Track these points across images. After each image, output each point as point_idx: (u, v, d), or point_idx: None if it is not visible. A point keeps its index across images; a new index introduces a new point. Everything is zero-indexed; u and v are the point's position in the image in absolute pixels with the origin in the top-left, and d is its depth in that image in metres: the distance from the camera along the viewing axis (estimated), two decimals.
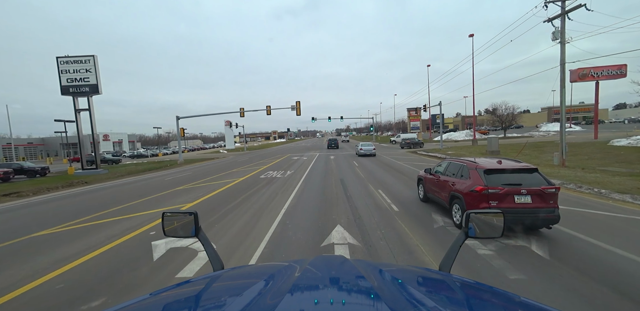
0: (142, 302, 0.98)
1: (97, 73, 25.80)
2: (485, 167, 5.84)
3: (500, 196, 5.40)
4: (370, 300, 0.89)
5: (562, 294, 3.53)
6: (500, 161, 6.28)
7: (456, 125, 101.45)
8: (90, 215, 8.74)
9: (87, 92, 25.72)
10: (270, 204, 8.81)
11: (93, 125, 26.53)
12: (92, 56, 25.84)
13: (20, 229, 7.55)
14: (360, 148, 26.51)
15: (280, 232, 6.15)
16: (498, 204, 5.35)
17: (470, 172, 6.06)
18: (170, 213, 1.68)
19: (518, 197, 5.34)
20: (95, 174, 24.53)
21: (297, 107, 31.43)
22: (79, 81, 25.76)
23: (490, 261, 4.46)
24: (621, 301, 3.36)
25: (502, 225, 1.46)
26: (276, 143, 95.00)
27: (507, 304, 0.99)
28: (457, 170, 6.66)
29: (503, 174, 5.74)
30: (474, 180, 5.80)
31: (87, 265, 5.00)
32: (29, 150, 67.76)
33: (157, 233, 6.37)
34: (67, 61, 25.59)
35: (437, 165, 7.96)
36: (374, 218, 6.93)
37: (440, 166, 7.71)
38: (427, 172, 8.05)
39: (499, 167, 5.88)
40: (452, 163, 7.08)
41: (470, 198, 5.74)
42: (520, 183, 5.50)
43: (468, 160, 6.61)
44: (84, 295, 3.92)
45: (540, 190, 5.30)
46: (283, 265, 1.33)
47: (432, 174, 7.74)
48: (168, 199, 10.64)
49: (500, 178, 5.65)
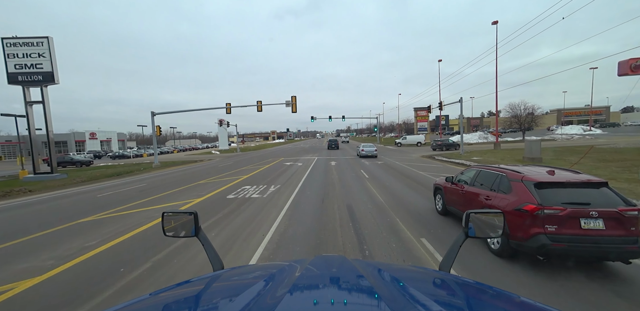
0: (142, 302, 0.98)
1: (52, 58, 21.41)
2: (536, 178, 4.59)
3: (560, 219, 4.06)
4: (370, 299, 0.89)
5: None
6: (553, 171, 5.04)
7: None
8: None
9: (40, 81, 21.38)
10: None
11: (48, 121, 22.17)
12: (45, 38, 21.42)
13: None
14: (362, 150, 25.78)
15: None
16: (557, 230, 4.03)
17: (512, 185, 4.84)
18: (170, 212, 1.69)
19: (586, 221, 4.02)
20: (49, 180, 20.25)
21: (292, 102, 26.96)
22: (30, 68, 21.37)
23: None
24: None
25: (502, 225, 1.47)
26: (273, 144, 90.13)
27: (507, 304, 0.98)
28: (491, 180, 5.52)
29: (561, 189, 4.45)
30: (520, 196, 4.55)
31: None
32: (7, 148, 63.37)
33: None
34: (14, 43, 21.19)
35: (460, 173, 6.89)
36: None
37: (464, 174, 6.68)
38: (448, 181, 7.01)
39: (555, 179, 4.59)
40: (483, 172, 5.96)
41: (516, 220, 4.37)
42: (588, 202, 4.16)
43: (507, 168, 5.47)
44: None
45: (616, 212, 4.00)
46: (283, 265, 1.33)
47: (455, 183, 6.68)
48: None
49: (558, 194, 4.36)
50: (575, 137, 43.52)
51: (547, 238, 3.97)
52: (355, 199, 9.25)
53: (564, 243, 3.90)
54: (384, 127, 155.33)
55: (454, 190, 6.54)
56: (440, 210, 7.23)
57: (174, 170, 22.85)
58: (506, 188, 4.95)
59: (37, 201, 12.13)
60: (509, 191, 4.84)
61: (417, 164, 19.17)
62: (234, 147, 60.28)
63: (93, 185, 16.73)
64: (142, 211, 8.82)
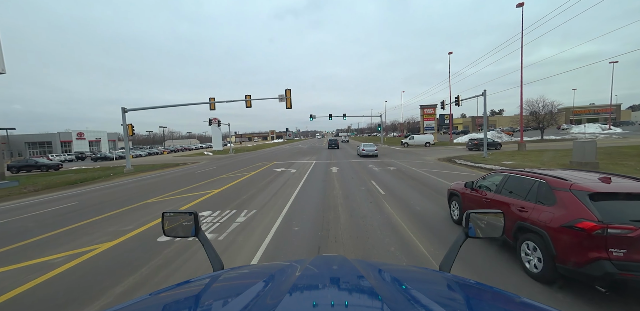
0: (142, 302, 0.97)
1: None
2: (591, 187, 3.68)
3: (630, 241, 3.17)
4: (370, 300, 0.89)
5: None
6: (608, 178, 4.02)
7: (466, 126, 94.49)
8: None
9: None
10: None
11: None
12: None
13: None
14: (362, 149, 25.98)
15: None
16: (627, 255, 3.16)
17: (557, 195, 3.94)
18: (171, 212, 1.69)
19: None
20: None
21: (286, 97, 23.03)
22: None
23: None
24: None
25: (502, 225, 1.47)
26: (271, 144, 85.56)
27: (507, 304, 0.97)
28: (525, 188, 4.59)
29: (626, 202, 3.52)
30: (569, 209, 3.66)
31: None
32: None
33: None
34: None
35: (482, 178, 5.98)
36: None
37: (487, 179, 5.78)
38: (467, 187, 6.03)
39: (618, 189, 3.65)
40: (513, 178, 5.02)
41: (565, 239, 3.55)
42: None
43: (546, 174, 4.48)
44: None
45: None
46: (283, 265, 1.32)
47: (475, 189, 5.83)
48: None
49: (622, 209, 3.46)
50: (600, 136, 39.55)
51: (612, 265, 3.15)
52: (375, 243, 5.34)
53: (635, 273, 3.06)
54: (386, 127, 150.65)
55: (475, 198, 5.75)
56: (457, 219, 6.48)
57: (142, 178, 18.97)
58: (548, 198, 4.10)
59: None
60: (552, 202, 3.99)
61: (438, 171, 15.24)
62: (228, 148, 56.34)
63: (34, 198, 13.13)
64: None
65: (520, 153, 23.18)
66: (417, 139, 42.14)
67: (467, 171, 15.05)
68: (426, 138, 41.71)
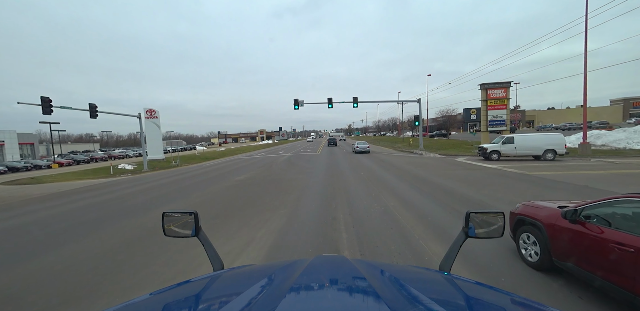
0: (142, 302, 0.96)
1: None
2: None
3: None
4: (371, 299, 0.87)
5: None
6: None
7: (513, 121, 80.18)
8: None
9: None
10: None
11: None
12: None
13: None
14: (357, 146, 31.24)
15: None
16: None
17: None
18: (171, 212, 1.65)
19: None
20: None
21: None
22: None
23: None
24: None
25: (503, 224, 1.45)
26: (249, 148, 63.27)
27: (507, 304, 0.96)
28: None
29: None
30: None
31: None
32: None
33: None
34: None
35: (591, 205, 3.45)
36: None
37: (603, 207, 3.36)
38: (566, 217, 3.60)
39: None
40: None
41: None
42: None
43: None
44: None
45: None
46: (283, 265, 1.30)
47: (580, 222, 3.47)
48: None
49: None
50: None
51: None
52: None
53: None
54: (383, 125, 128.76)
55: (583, 236, 3.37)
56: (536, 261, 4.07)
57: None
58: None
59: None
60: None
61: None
62: (175, 156, 38.12)
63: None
64: None
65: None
66: (522, 144, 19.00)
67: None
68: (544, 141, 18.67)
